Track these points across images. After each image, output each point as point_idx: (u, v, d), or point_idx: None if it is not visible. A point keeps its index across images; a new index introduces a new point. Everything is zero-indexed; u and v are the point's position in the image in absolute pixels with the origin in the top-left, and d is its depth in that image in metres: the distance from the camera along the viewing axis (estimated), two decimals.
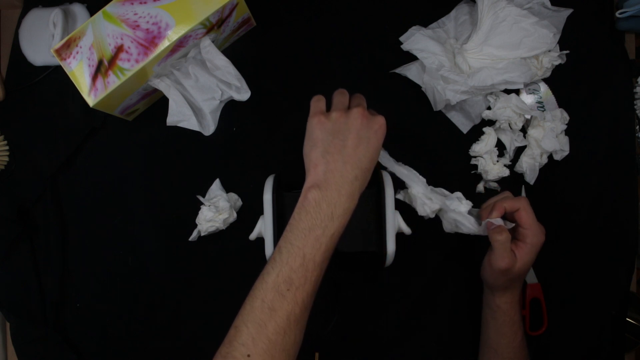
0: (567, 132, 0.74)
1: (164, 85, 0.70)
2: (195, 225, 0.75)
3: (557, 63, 0.74)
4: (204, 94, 0.72)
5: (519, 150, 0.75)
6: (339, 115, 0.58)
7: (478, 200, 0.75)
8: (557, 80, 0.75)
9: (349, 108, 0.60)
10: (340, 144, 0.57)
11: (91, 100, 0.67)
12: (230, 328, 0.51)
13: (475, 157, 0.75)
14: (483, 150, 0.74)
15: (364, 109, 0.59)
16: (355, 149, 0.57)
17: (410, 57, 0.75)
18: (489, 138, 0.74)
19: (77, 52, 0.67)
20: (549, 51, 0.72)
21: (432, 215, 0.67)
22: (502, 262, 0.61)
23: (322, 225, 0.54)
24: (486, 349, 0.68)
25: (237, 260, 0.77)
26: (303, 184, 0.57)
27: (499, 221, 0.62)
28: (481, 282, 0.72)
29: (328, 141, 0.57)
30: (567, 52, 0.73)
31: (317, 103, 0.61)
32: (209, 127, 0.75)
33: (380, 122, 0.59)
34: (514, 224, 0.63)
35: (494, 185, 0.75)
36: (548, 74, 0.74)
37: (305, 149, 0.59)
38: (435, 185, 0.73)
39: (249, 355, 0.49)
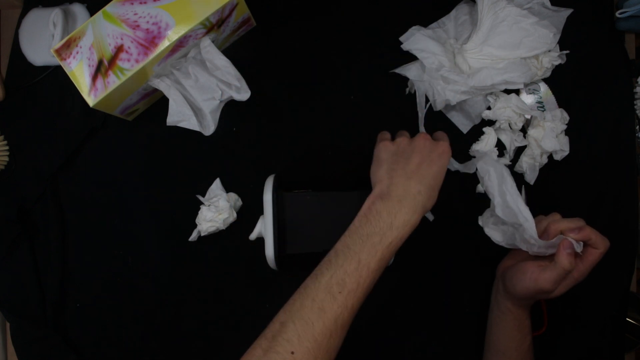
0: (567, 132, 0.74)
1: (164, 85, 0.70)
2: (195, 225, 0.75)
3: (557, 63, 0.74)
4: (204, 94, 0.72)
5: (519, 150, 0.75)
6: (403, 140, 0.62)
7: (478, 201, 0.75)
8: (557, 80, 0.75)
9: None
10: (404, 162, 0.60)
11: (91, 100, 0.67)
12: (271, 322, 0.51)
13: (475, 157, 0.75)
14: (483, 150, 0.74)
15: (426, 135, 0.63)
16: (419, 166, 0.59)
17: (410, 57, 0.74)
18: (489, 138, 0.74)
19: (77, 52, 0.67)
20: (549, 51, 0.72)
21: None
22: (549, 285, 0.58)
23: (380, 233, 0.55)
24: (493, 351, 0.67)
25: (237, 261, 0.77)
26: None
27: (577, 245, 0.57)
28: (483, 281, 0.72)
29: (392, 160, 0.61)
30: (567, 52, 0.73)
31: (383, 134, 0.66)
32: (209, 127, 0.74)
33: (443, 147, 0.61)
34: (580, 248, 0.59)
35: None
36: (548, 74, 0.74)
37: (372, 170, 0.62)
38: None
39: (292, 353, 0.48)
